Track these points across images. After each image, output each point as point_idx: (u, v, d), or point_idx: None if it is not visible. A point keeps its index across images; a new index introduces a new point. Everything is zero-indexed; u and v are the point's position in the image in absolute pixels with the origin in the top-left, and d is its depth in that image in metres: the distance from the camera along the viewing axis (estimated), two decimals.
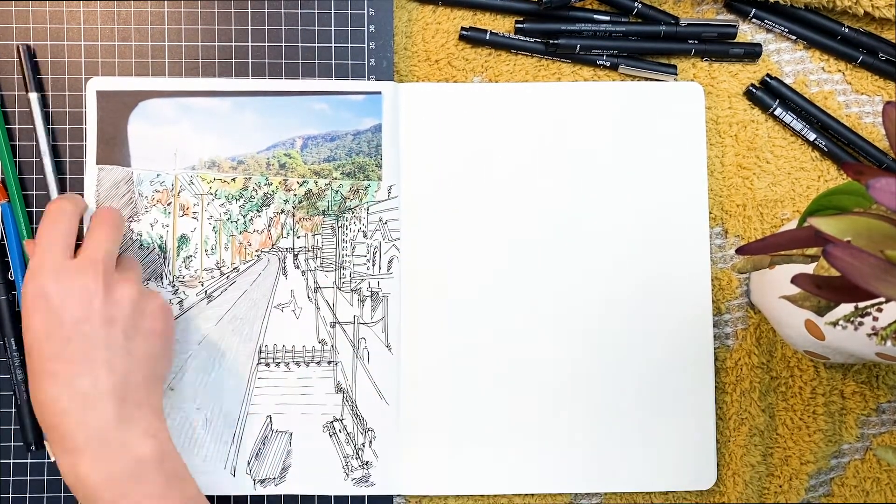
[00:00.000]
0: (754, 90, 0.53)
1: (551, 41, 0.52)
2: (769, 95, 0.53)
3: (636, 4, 0.53)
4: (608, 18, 0.53)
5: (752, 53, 0.53)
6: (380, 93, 0.51)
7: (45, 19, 0.51)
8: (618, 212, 0.52)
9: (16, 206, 0.50)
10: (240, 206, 0.51)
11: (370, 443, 0.51)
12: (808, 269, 0.40)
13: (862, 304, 0.35)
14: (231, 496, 0.50)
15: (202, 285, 0.51)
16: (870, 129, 0.53)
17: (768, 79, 0.53)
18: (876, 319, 0.35)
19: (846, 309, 0.36)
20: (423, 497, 0.52)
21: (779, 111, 0.53)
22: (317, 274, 0.51)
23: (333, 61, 0.51)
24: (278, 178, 0.51)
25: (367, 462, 0.50)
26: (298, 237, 0.51)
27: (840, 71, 0.54)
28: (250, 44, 0.51)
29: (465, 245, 0.52)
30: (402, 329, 0.51)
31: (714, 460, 0.52)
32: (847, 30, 0.53)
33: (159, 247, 0.51)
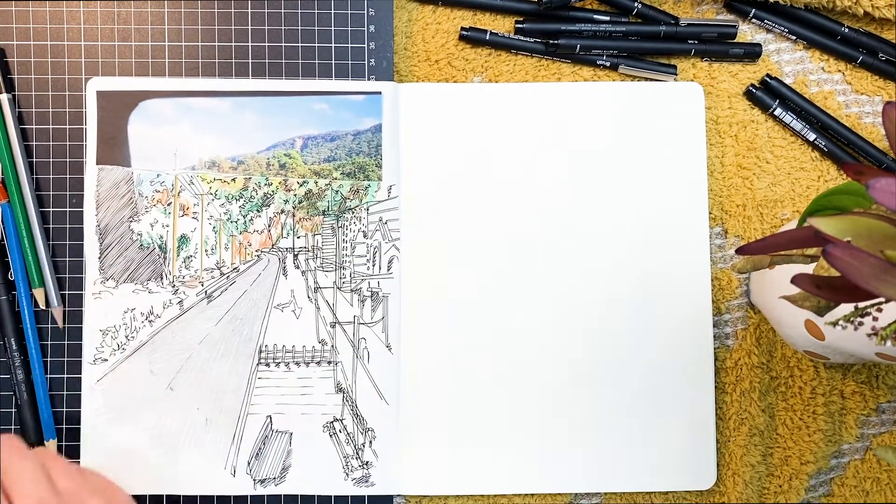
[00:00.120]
0: (754, 90, 0.53)
1: (551, 41, 0.52)
2: (769, 95, 0.53)
3: (636, 4, 0.53)
4: (608, 18, 0.53)
5: (752, 53, 0.53)
6: (380, 93, 0.51)
7: (45, 19, 0.51)
8: (618, 212, 0.52)
9: (16, 207, 0.50)
10: (240, 207, 0.51)
11: (370, 443, 0.51)
12: (808, 269, 0.40)
13: (862, 304, 0.35)
14: (231, 496, 0.50)
15: (202, 285, 0.51)
16: (870, 129, 0.53)
17: (768, 79, 0.53)
18: (876, 319, 0.35)
19: (846, 309, 0.36)
20: (423, 497, 0.52)
21: (779, 111, 0.53)
22: (317, 274, 0.51)
23: (333, 61, 0.51)
24: (278, 179, 0.51)
25: (367, 462, 0.50)
26: (298, 237, 0.51)
27: (840, 71, 0.54)
28: (250, 44, 0.51)
29: (465, 245, 0.52)
30: (402, 329, 0.51)
31: (714, 460, 0.52)
32: (847, 30, 0.53)
33: (159, 247, 0.51)
